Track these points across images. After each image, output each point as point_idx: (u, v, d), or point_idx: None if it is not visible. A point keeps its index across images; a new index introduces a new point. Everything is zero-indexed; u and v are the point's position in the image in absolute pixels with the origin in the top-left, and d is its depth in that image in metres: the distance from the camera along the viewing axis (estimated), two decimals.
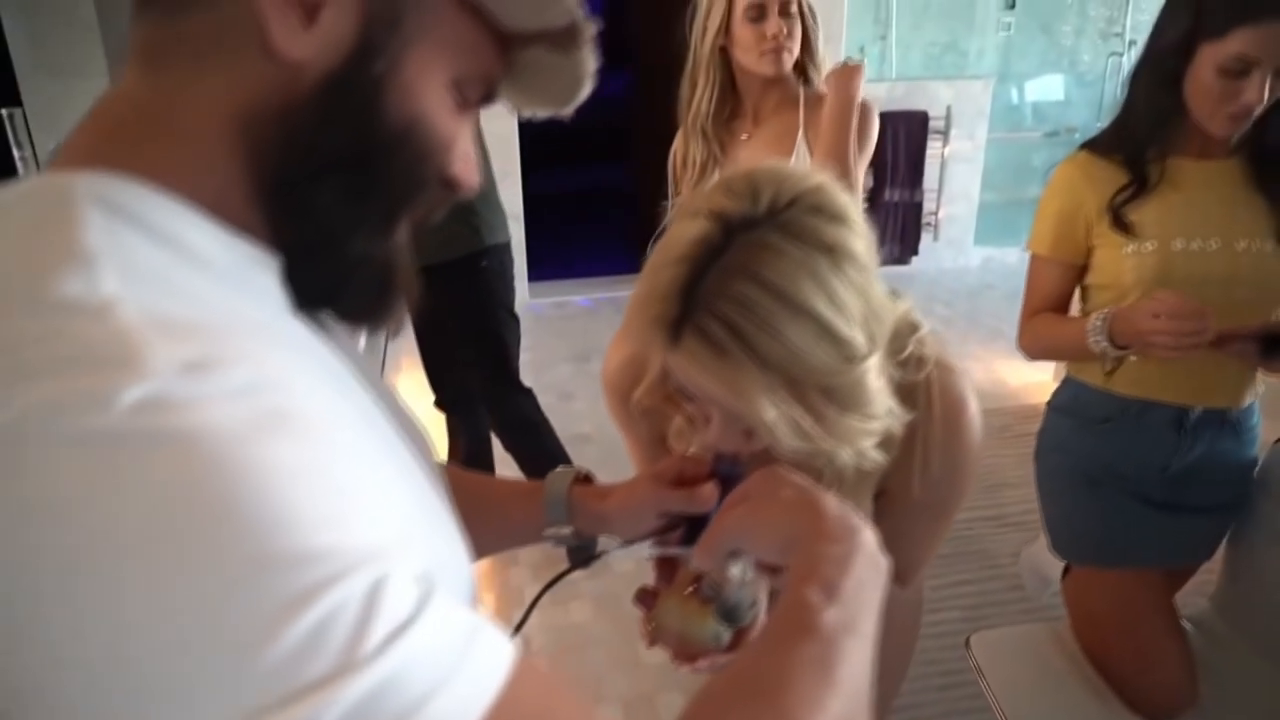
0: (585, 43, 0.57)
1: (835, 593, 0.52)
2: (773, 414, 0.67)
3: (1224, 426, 1.48)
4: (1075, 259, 1.50)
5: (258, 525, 0.33)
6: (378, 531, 0.38)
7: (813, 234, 0.66)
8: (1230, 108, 1.31)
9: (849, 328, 0.67)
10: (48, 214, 0.41)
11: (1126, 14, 6.88)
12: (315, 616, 0.33)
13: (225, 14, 0.46)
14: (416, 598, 0.36)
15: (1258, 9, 1.24)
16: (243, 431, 0.35)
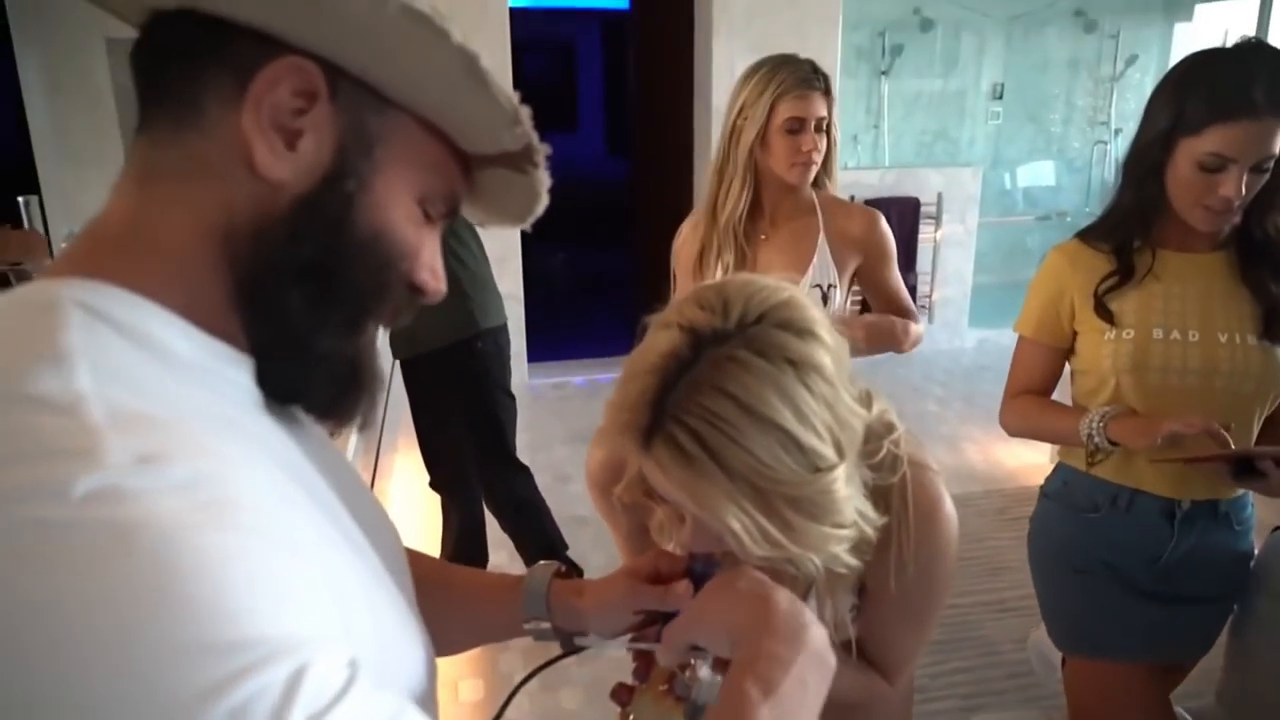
0: (540, 163, 0.61)
1: (772, 690, 0.54)
2: (738, 523, 0.67)
3: (1216, 518, 1.47)
4: (1059, 343, 1.53)
5: (188, 613, 0.36)
6: (306, 620, 0.40)
7: (780, 349, 0.68)
8: (1208, 201, 1.34)
9: (815, 439, 0.68)
10: (34, 317, 0.45)
11: (1111, 103, 7.09)
12: (236, 700, 0.35)
13: (216, 138, 0.50)
14: (339, 686, 0.38)
15: (1232, 109, 1.28)
16: (181, 523, 0.37)
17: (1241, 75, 1.29)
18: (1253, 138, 1.28)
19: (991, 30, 6.78)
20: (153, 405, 0.43)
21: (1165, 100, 1.38)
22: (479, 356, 2.40)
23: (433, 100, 0.55)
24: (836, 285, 1.83)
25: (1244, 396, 1.40)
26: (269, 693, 0.36)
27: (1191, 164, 1.33)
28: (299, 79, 0.50)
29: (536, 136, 0.58)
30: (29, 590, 0.35)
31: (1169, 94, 1.37)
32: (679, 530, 0.78)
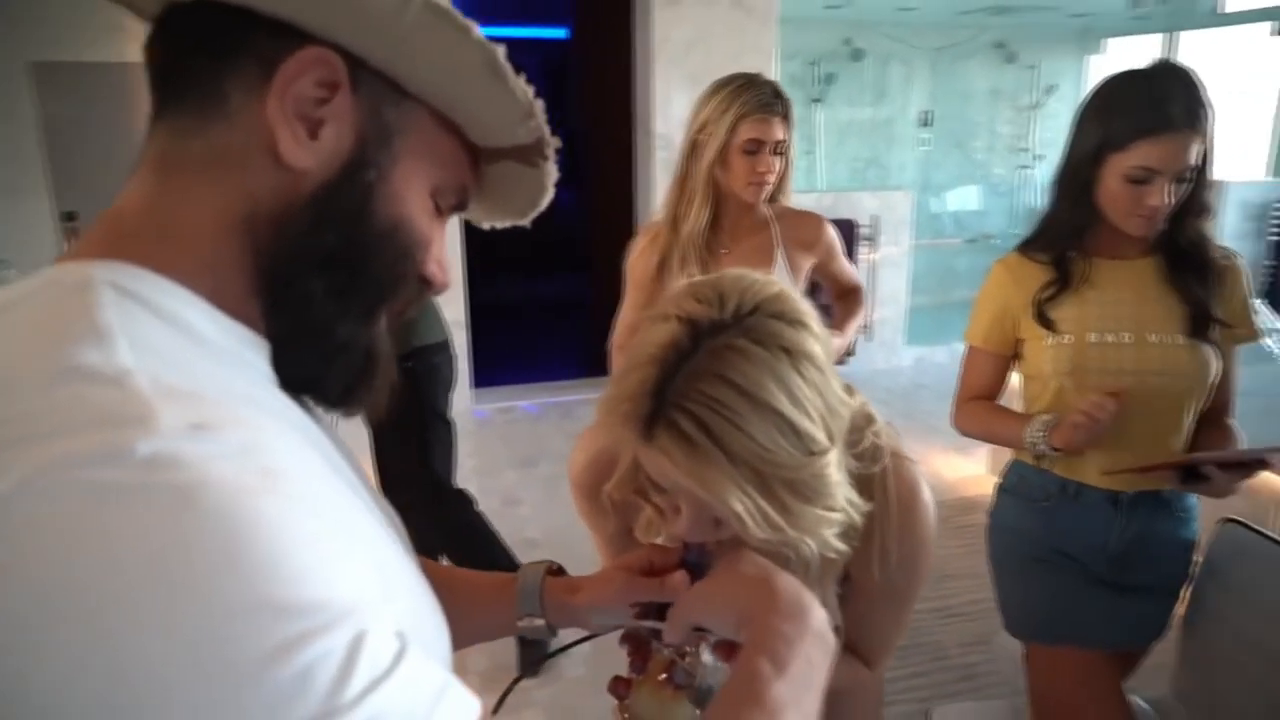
0: (550, 156, 0.63)
1: (784, 668, 0.57)
2: (740, 506, 0.69)
3: (1159, 506, 1.55)
4: (1005, 350, 1.61)
5: (255, 574, 0.36)
6: (360, 588, 0.40)
7: (774, 337, 0.71)
8: (1137, 211, 1.43)
9: (809, 424, 0.70)
10: (68, 296, 0.45)
11: (1031, 131, 7.41)
12: (302, 663, 0.36)
13: (239, 129, 0.51)
14: (393, 653, 0.39)
15: (1154, 126, 1.38)
16: (241, 488, 0.38)
17: (1159, 94, 1.39)
18: (1173, 151, 1.38)
19: (918, 60, 7.04)
20: (188, 381, 0.43)
21: (1092, 120, 1.47)
22: (409, 375, 2.37)
23: (450, 94, 0.56)
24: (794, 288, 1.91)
25: (1176, 393, 1.48)
26: (332, 657, 0.36)
27: (1120, 178, 1.43)
28: (322, 69, 0.51)
29: (549, 130, 0.60)
30: (97, 551, 0.35)
31: (1095, 114, 1.47)
32: (674, 522, 0.79)
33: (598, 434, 0.98)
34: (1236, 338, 1.54)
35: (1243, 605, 1.51)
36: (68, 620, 0.34)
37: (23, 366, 0.41)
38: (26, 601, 0.34)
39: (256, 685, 0.34)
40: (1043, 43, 7.27)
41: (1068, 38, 7.43)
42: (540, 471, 3.98)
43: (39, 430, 0.38)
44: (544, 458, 4.11)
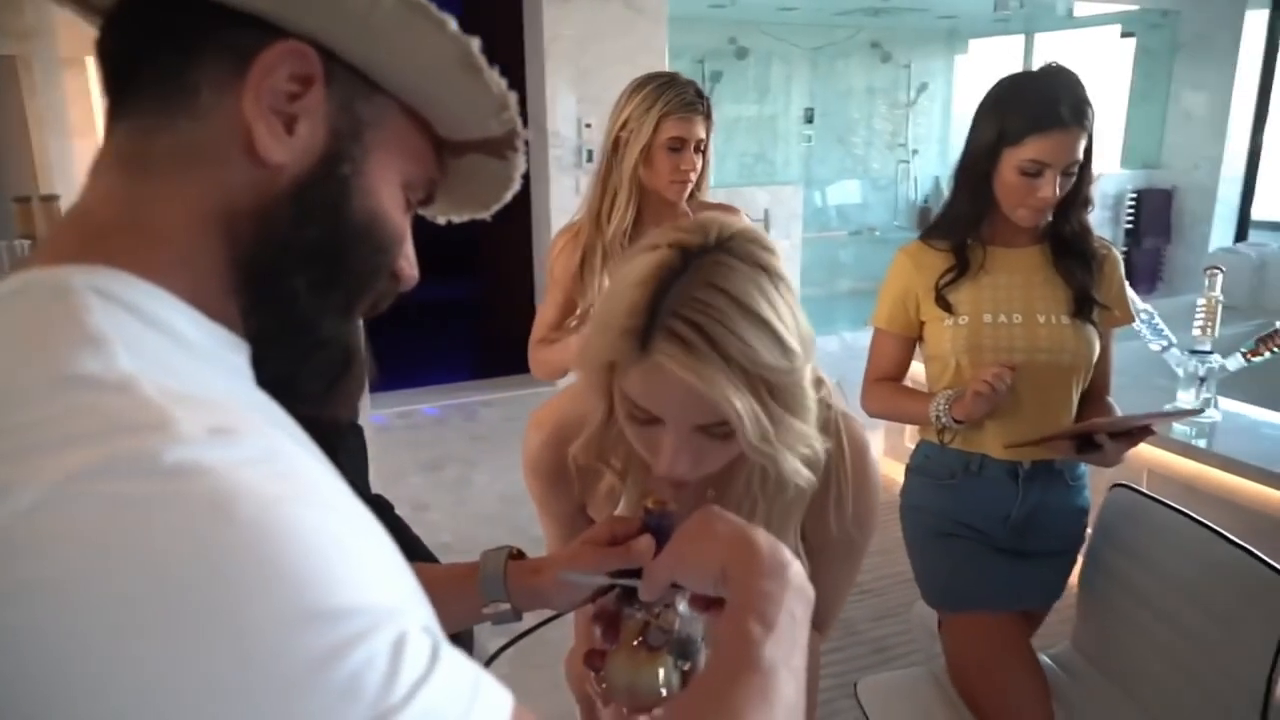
0: (520, 148, 0.63)
1: (772, 626, 0.58)
2: (740, 404, 0.74)
3: (1053, 476, 1.67)
4: (908, 332, 1.71)
5: (297, 583, 0.35)
6: (392, 589, 0.40)
7: (754, 257, 0.77)
8: (1030, 201, 1.55)
9: (788, 334, 0.77)
10: (49, 304, 0.43)
11: (907, 127, 7.76)
12: (350, 668, 0.35)
13: (212, 124, 0.49)
14: (429, 651, 0.39)
15: (1046, 122, 1.50)
16: (272, 496, 0.37)
17: (1050, 94, 1.52)
18: (1062, 146, 1.51)
19: (799, 59, 7.26)
20: (186, 385, 0.42)
21: (988, 117, 1.59)
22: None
23: (423, 87, 0.55)
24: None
25: (1063, 369, 1.61)
26: (378, 660, 0.36)
27: (1014, 170, 1.55)
28: (297, 63, 0.49)
29: (520, 122, 0.60)
30: (136, 567, 0.33)
31: (991, 112, 1.59)
32: (656, 460, 0.82)
33: (554, 410, 0.99)
34: (1114, 320, 1.69)
35: (1134, 562, 1.64)
36: (108, 638, 0.33)
37: (17, 375, 0.39)
38: (60, 618, 0.33)
39: (308, 694, 0.34)
40: (915, 43, 7.62)
41: (937, 38, 7.81)
42: (447, 475, 3.92)
43: (50, 440, 0.36)
44: (449, 461, 4.05)
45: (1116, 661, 1.66)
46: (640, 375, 0.77)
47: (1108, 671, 1.68)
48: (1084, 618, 1.77)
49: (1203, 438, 2.67)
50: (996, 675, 1.60)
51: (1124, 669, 1.64)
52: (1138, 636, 1.61)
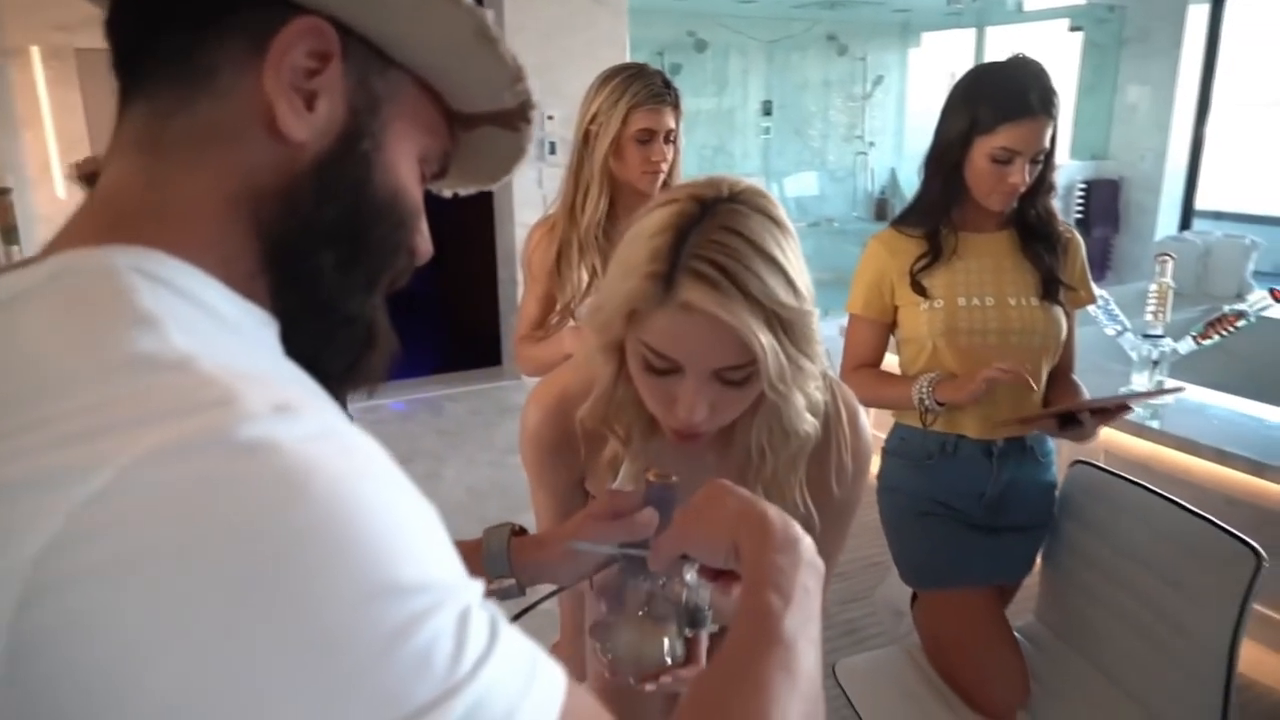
0: (532, 119, 0.63)
1: (789, 599, 0.60)
2: (764, 338, 0.79)
3: (1025, 454, 1.73)
4: (883, 317, 1.75)
5: (370, 558, 0.36)
6: (451, 565, 0.41)
7: (765, 209, 0.83)
8: (1000, 188, 1.61)
9: (799, 278, 0.82)
10: (95, 285, 0.43)
11: (864, 119, 7.85)
12: (421, 642, 0.36)
13: (232, 104, 0.49)
14: (489, 625, 0.40)
15: (1017, 111, 1.56)
16: (341, 472, 0.37)
17: (1019, 84, 1.58)
18: (1032, 134, 1.57)
19: (757, 52, 7.31)
20: (236, 363, 0.41)
21: (959, 107, 1.64)
22: None
23: (438, 60, 0.56)
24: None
25: (1034, 349, 1.67)
26: (446, 634, 0.37)
27: (986, 158, 1.60)
28: (316, 39, 0.49)
29: (532, 93, 0.61)
30: (217, 544, 0.34)
31: (961, 102, 1.64)
32: (670, 411, 0.85)
33: (555, 385, 1.01)
34: (1078, 300, 1.76)
35: (1095, 536, 1.71)
36: (187, 618, 0.33)
37: (74, 357, 0.39)
38: (139, 600, 0.33)
39: (384, 668, 0.35)
40: (870, 36, 7.71)
41: (892, 31, 7.91)
42: (416, 470, 3.86)
43: (116, 422, 0.36)
44: (418, 456, 4.03)
45: (1081, 632, 1.73)
46: (666, 319, 0.81)
47: (1073, 642, 1.74)
48: (1047, 591, 1.84)
49: (1156, 419, 2.76)
50: (974, 650, 1.66)
51: (1089, 639, 1.71)
52: (1101, 607, 1.67)
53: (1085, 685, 1.66)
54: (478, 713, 0.36)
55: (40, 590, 0.33)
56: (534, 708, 0.39)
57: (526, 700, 0.39)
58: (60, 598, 0.33)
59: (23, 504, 0.34)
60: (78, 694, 0.34)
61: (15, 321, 0.41)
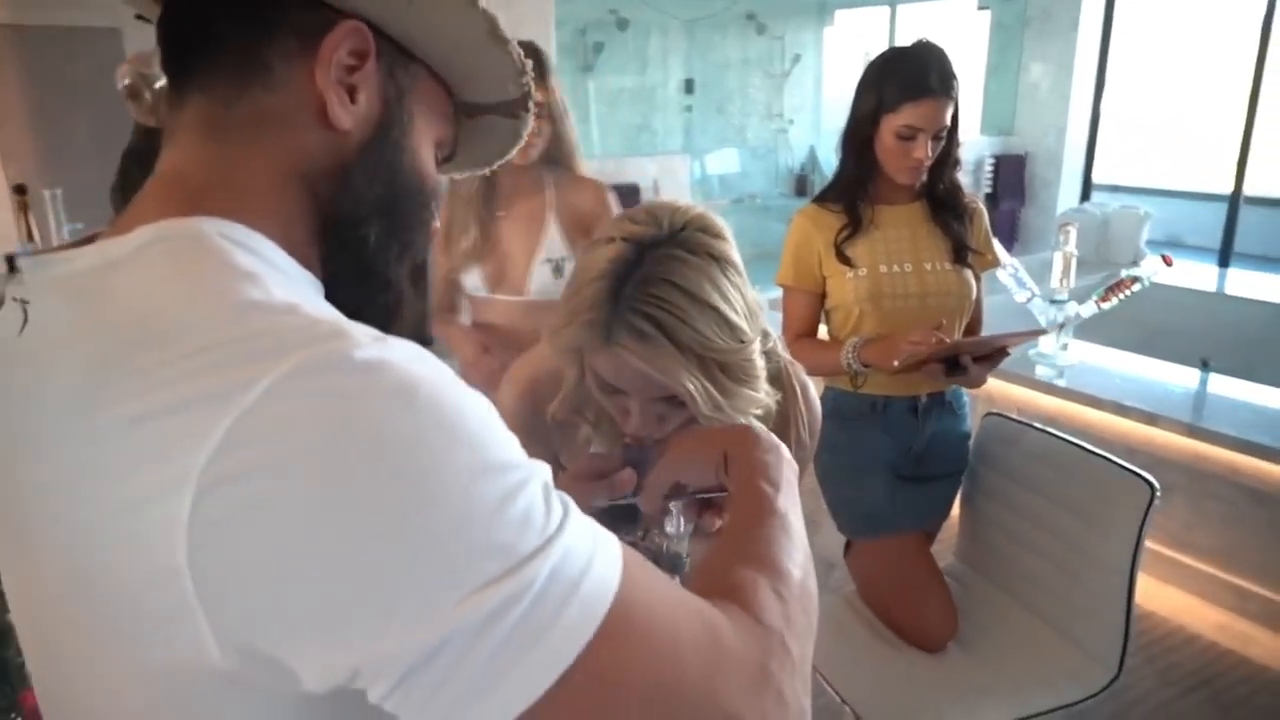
0: (532, 109, 0.72)
1: (778, 484, 0.70)
2: (692, 385, 0.84)
3: (945, 407, 1.89)
4: (813, 287, 1.87)
5: (474, 445, 0.45)
6: (524, 452, 0.49)
7: (704, 247, 0.86)
8: (906, 162, 1.76)
9: (737, 317, 0.86)
10: (192, 248, 0.50)
11: (782, 97, 8.01)
12: (522, 506, 0.44)
13: (287, 95, 0.56)
14: (560, 498, 0.48)
15: (918, 90, 1.70)
16: (438, 382, 0.45)
17: (920, 66, 1.72)
18: (932, 113, 1.71)
19: (677, 30, 7.38)
20: (323, 309, 0.49)
21: (868, 88, 1.78)
22: None
23: (455, 55, 0.63)
24: (569, 258, 1.91)
25: (949, 310, 1.82)
26: (537, 499, 0.45)
27: (892, 135, 1.74)
28: (356, 40, 0.57)
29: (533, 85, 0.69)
30: (343, 444, 0.41)
31: (870, 83, 1.78)
32: (625, 422, 0.91)
33: (527, 367, 1.07)
34: (985, 263, 1.92)
35: (1008, 479, 1.87)
36: (335, 500, 0.40)
37: (195, 306, 0.46)
38: (292, 488, 0.40)
39: (497, 527, 0.43)
40: (788, 15, 7.86)
41: (808, 10, 8.07)
42: None
43: (260, 349, 0.43)
44: None
45: (999, 567, 1.89)
46: (606, 359, 0.86)
47: (992, 577, 1.90)
48: (966, 532, 2.00)
49: (1062, 377, 2.97)
50: (908, 591, 1.80)
51: (1006, 573, 1.87)
52: (1016, 543, 1.84)
53: (1006, 615, 1.82)
54: (567, 559, 0.45)
55: (211, 488, 0.40)
56: (604, 559, 0.47)
57: (597, 554, 0.47)
58: (228, 493, 0.40)
59: (188, 418, 0.41)
60: (247, 578, 0.41)
61: (127, 280, 0.48)
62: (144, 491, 0.42)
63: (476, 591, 0.41)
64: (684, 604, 0.50)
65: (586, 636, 0.44)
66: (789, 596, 0.58)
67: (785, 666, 0.53)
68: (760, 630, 0.53)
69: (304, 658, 0.42)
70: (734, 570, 0.59)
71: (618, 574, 0.47)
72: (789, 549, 0.63)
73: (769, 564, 0.61)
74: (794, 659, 0.54)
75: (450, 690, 0.41)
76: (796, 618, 0.57)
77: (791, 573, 0.61)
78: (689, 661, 0.47)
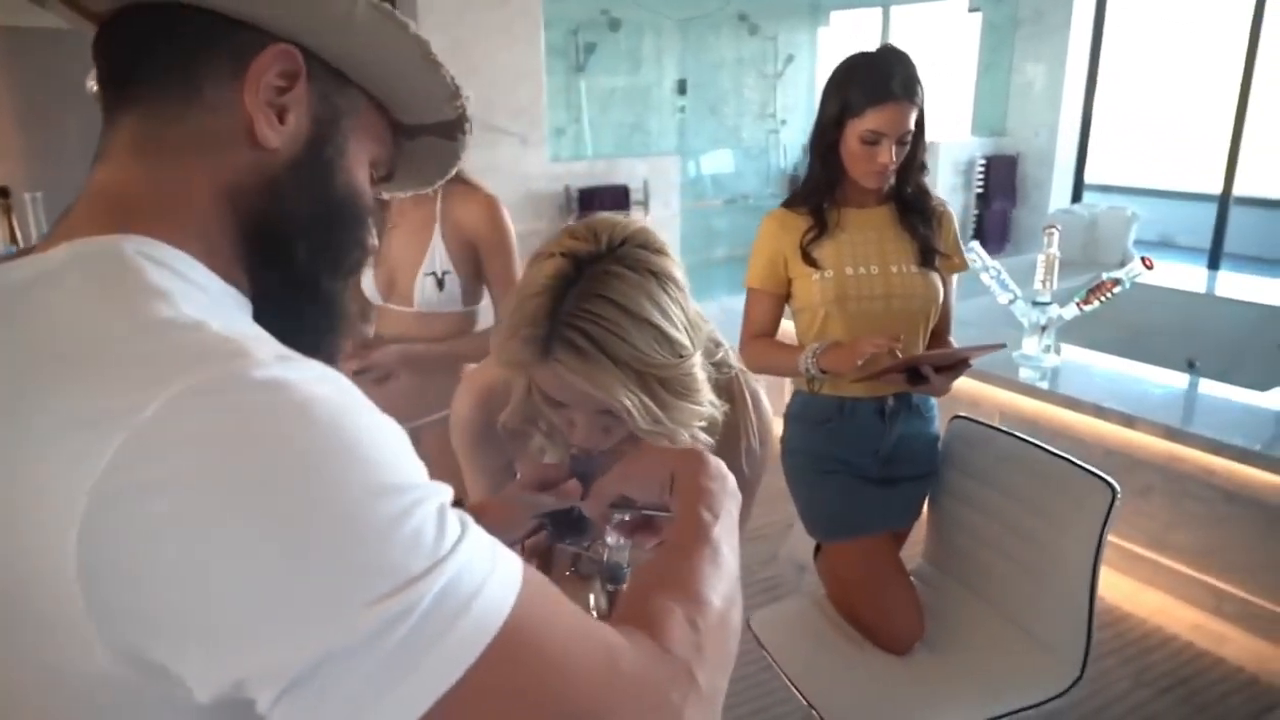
0: (469, 130, 0.74)
1: (717, 513, 0.71)
2: (629, 401, 0.84)
3: (912, 410, 1.90)
4: (779, 290, 1.90)
5: (369, 464, 0.45)
6: (425, 473, 0.50)
7: (643, 263, 0.86)
8: (871, 167, 1.77)
9: (676, 332, 0.87)
10: (111, 267, 0.51)
11: (775, 98, 8.02)
12: (413, 526, 0.45)
13: (218, 115, 0.58)
14: (460, 519, 0.49)
15: (881, 96, 1.72)
16: (338, 402, 0.46)
17: (883, 72, 1.74)
18: (895, 117, 1.73)
19: (670, 30, 7.38)
20: (235, 326, 0.50)
21: (833, 93, 1.80)
22: None
23: (389, 79, 0.65)
24: (451, 272, 1.86)
25: (913, 312, 1.84)
26: (430, 521, 0.46)
27: (856, 140, 1.77)
28: (286, 62, 0.59)
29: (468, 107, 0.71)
30: (238, 461, 0.42)
31: (835, 88, 1.80)
32: (570, 432, 0.92)
33: (482, 376, 1.08)
34: (953, 266, 1.93)
35: (975, 481, 1.89)
36: (226, 516, 0.42)
37: (109, 321, 0.47)
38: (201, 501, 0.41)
39: (387, 546, 0.44)
40: (781, 16, 7.86)
41: (801, 10, 8.07)
42: None
43: (158, 368, 0.44)
44: None
45: (966, 568, 1.90)
46: (546, 374, 0.87)
47: (959, 578, 1.92)
48: (934, 534, 2.01)
49: (1045, 380, 2.98)
50: (875, 592, 1.81)
51: (973, 573, 1.88)
52: (982, 544, 1.85)
53: (974, 617, 1.83)
54: (458, 581, 0.45)
55: (101, 504, 0.42)
56: (499, 580, 0.48)
57: (493, 576, 0.48)
58: (118, 509, 0.42)
59: (85, 436, 0.43)
60: (135, 590, 0.42)
61: (47, 296, 0.50)
62: (41, 504, 0.43)
63: (363, 608, 0.42)
64: (584, 629, 0.51)
65: (473, 655, 0.45)
66: (704, 627, 0.59)
67: (689, 697, 0.54)
68: (665, 659, 0.54)
69: (190, 666, 0.43)
70: (652, 598, 0.60)
71: (514, 596, 0.48)
72: (714, 580, 0.64)
73: (690, 593, 0.62)
74: (701, 689, 0.55)
75: (333, 704, 0.42)
76: (710, 649, 0.58)
77: (712, 603, 0.61)
78: (582, 685, 0.48)
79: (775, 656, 1.77)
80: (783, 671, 1.74)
